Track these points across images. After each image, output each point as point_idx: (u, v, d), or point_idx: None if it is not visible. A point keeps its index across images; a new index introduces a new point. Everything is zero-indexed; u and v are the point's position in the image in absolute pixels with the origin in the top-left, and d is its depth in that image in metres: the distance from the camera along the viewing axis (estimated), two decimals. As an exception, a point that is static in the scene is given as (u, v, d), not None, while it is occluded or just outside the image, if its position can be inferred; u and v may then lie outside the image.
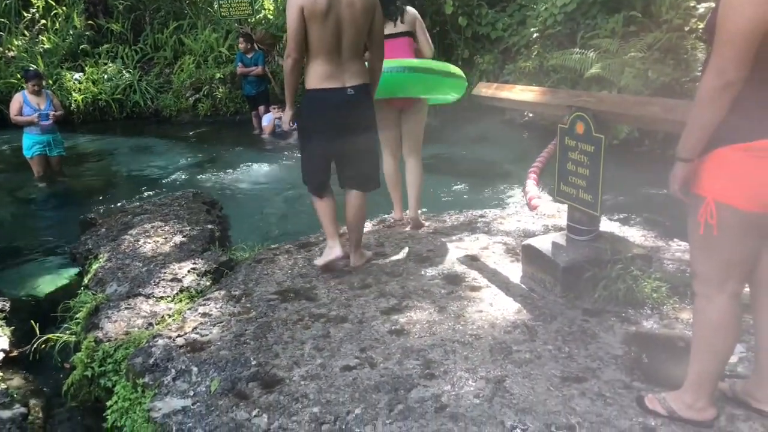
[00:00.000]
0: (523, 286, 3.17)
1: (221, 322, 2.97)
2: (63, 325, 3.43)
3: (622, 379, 2.34)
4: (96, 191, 7.10)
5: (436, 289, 3.18)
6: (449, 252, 3.70)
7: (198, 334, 2.87)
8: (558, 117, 3.18)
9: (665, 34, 6.98)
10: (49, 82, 11.15)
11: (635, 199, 5.55)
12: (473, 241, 3.88)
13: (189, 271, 3.63)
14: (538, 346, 2.58)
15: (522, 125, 8.90)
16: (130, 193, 6.69)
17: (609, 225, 4.07)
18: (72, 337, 3.25)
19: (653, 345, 2.56)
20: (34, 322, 3.44)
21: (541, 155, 6.53)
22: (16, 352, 3.39)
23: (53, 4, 13.12)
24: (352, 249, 3.54)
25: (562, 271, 2.98)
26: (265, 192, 6.81)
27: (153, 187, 7.08)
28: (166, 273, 3.61)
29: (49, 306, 3.86)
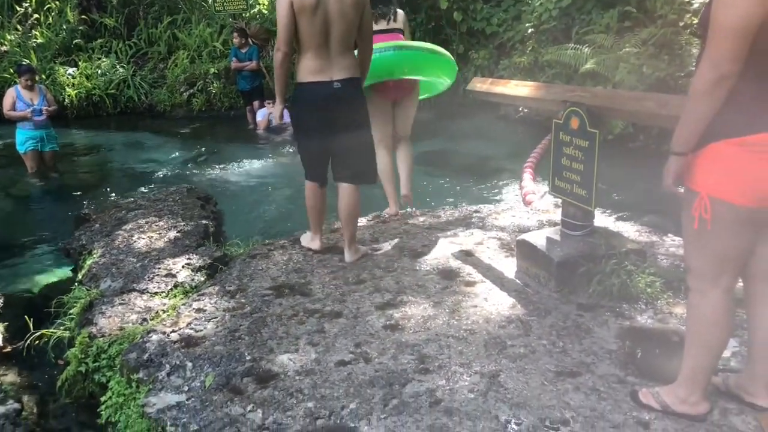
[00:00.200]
0: (517, 281, 3.18)
1: (216, 318, 2.96)
2: (57, 320, 3.41)
3: (616, 373, 2.35)
4: (90, 186, 7.06)
5: (430, 284, 3.18)
6: (444, 247, 3.70)
7: (192, 329, 2.86)
8: (553, 112, 3.18)
9: (660, 29, 6.98)
10: (42, 76, 11.10)
11: (630, 194, 5.55)
12: (468, 237, 3.88)
13: (183, 267, 3.62)
14: (532, 341, 2.59)
15: (517, 120, 8.91)
16: (124, 189, 6.65)
17: (603, 220, 4.08)
18: (66, 333, 3.23)
19: (647, 340, 2.58)
20: (27, 317, 3.42)
21: (536, 150, 6.54)
22: (9, 348, 3.37)
23: (46, -2, 13.05)
24: (346, 244, 3.54)
25: (556, 266, 2.98)
26: (259, 187, 6.78)
27: (147, 182, 7.04)
28: (160, 268, 3.60)
29: (43, 302, 3.83)
